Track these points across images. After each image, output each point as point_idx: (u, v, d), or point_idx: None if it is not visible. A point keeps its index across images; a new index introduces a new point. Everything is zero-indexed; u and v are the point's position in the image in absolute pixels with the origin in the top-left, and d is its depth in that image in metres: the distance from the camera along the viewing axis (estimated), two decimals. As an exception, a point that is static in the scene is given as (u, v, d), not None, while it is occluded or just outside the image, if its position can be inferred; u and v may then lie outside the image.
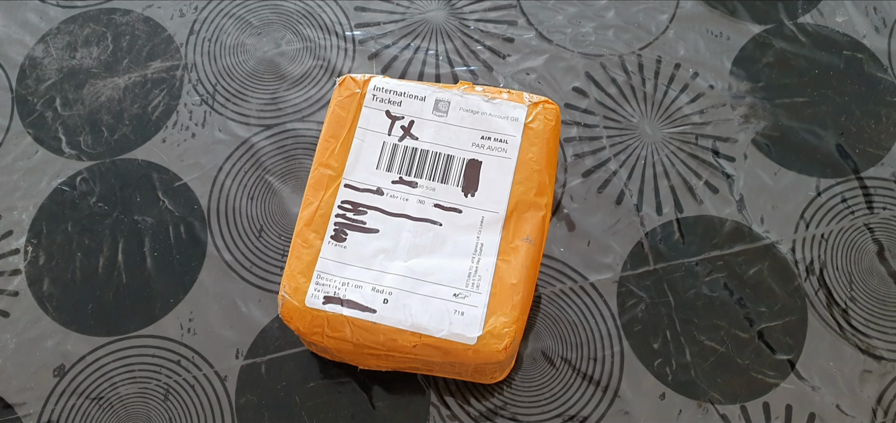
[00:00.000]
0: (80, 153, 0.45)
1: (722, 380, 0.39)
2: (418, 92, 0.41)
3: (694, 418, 0.38)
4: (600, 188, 0.44)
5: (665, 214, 0.43)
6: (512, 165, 0.39)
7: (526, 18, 0.49)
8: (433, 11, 0.49)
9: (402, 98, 0.40)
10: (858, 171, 0.44)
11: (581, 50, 0.48)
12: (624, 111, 0.46)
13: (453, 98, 0.40)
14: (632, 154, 0.45)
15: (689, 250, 0.42)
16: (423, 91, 0.40)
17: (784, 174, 0.44)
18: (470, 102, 0.40)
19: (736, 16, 0.49)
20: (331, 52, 0.48)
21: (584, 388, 0.39)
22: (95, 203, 0.43)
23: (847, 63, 0.47)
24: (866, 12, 0.49)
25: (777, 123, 0.46)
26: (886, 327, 0.40)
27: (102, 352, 0.40)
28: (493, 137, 0.39)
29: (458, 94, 0.40)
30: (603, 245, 0.42)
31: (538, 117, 0.39)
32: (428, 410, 0.39)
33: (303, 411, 0.39)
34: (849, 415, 0.38)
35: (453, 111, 0.40)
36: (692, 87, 0.47)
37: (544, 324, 0.40)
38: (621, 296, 0.41)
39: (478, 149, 0.39)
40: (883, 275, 0.42)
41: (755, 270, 0.42)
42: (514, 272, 0.36)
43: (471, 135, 0.39)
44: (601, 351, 0.40)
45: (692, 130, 0.45)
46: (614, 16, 0.49)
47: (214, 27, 0.49)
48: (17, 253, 0.42)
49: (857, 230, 0.43)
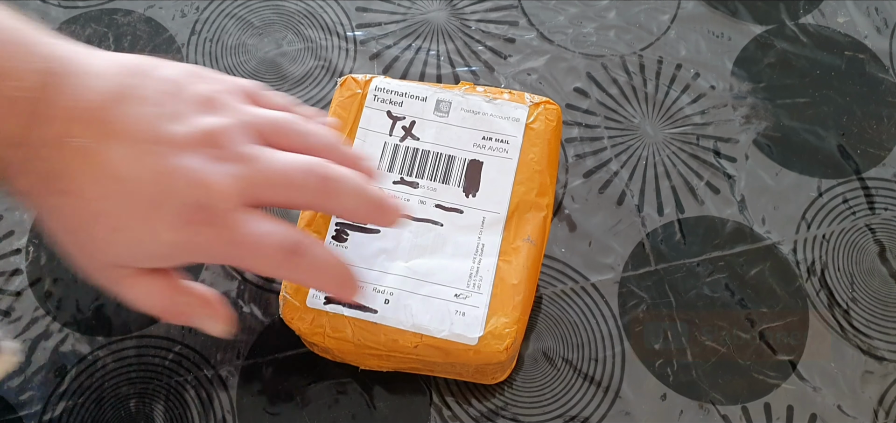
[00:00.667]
0: (81, 153, 0.45)
1: (723, 381, 0.39)
2: (419, 92, 0.41)
3: (695, 418, 0.38)
4: (601, 189, 0.44)
5: (666, 214, 0.43)
6: (513, 166, 0.39)
7: (527, 19, 0.49)
8: (434, 12, 0.49)
9: (403, 99, 0.40)
10: (860, 171, 0.44)
11: (582, 50, 0.48)
12: (625, 112, 0.46)
13: (455, 99, 0.40)
14: (633, 155, 0.45)
15: (691, 250, 0.42)
16: (425, 92, 0.41)
17: (785, 175, 0.44)
18: (471, 103, 0.40)
19: (737, 16, 0.49)
20: (332, 53, 0.48)
21: (585, 389, 0.39)
22: (97, 203, 0.43)
23: (848, 64, 0.47)
24: (868, 13, 0.49)
25: (778, 123, 0.46)
26: (888, 328, 0.40)
27: (103, 352, 0.40)
28: (495, 138, 0.39)
29: (460, 94, 0.40)
30: (604, 246, 0.42)
31: (539, 118, 0.39)
32: (429, 410, 0.39)
33: (303, 411, 0.39)
34: (850, 416, 0.38)
35: (454, 112, 0.40)
36: (693, 87, 0.47)
37: (545, 324, 0.40)
38: (622, 296, 0.41)
39: (479, 149, 0.39)
40: (884, 276, 0.42)
41: (756, 270, 0.42)
42: (516, 273, 0.36)
43: (472, 135, 0.39)
44: (602, 352, 0.40)
45: (693, 130, 0.45)
46: (615, 16, 0.49)
47: (216, 28, 0.49)
48: (19, 253, 0.42)
49: (858, 231, 0.43)
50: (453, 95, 0.40)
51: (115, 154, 0.29)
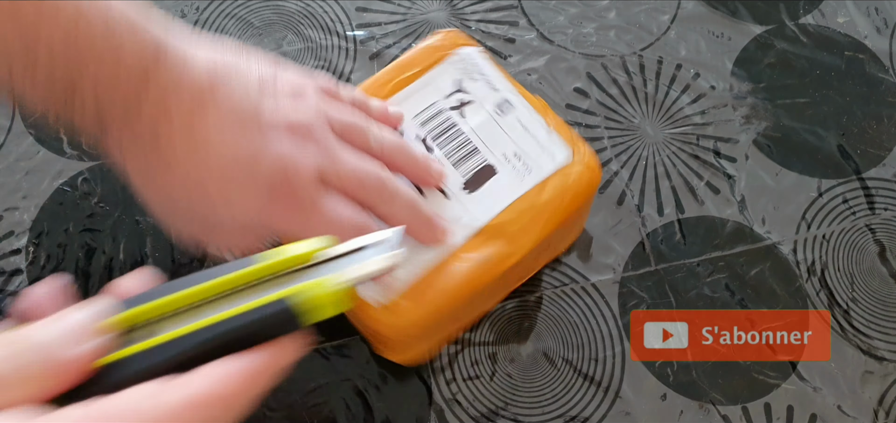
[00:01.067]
0: (81, 154, 0.45)
1: (723, 381, 0.39)
2: (497, 84, 0.40)
3: (695, 419, 0.38)
4: (602, 189, 0.44)
5: (666, 214, 0.43)
6: (518, 193, 0.37)
7: (527, 19, 0.49)
8: (434, 12, 0.49)
9: (480, 79, 0.40)
10: (860, 171, 0.44)
11: (582, 50, 0.48)
12: (625, 112, 0.46)
13: (520, 108, 0.39)
14: (633, 155, 0.45)
15: (691, 250, 0.42)
16: (502, 86, 0.40)
17: (785, 175, 0.44)
18: (529, 119, 0.39)
19: (737, 16, 0.49)
20: (332, 53, 0.48)
21: (585, 389, 0.39)
22: (97, 203, 0.43)
23: (848, 64, 0.47)
24: (868, 13, 0.49)
25: (778, 123, 0.46)
26: (888, 328, 0.40)
27: (104, 352, 0.40)
28: (523, 159, 0.38)
29: (527, 108, 0.39)
30: (604, 246, 0.42)
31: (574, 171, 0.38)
32: (429, 411, 0.39)
33: (304, 411, 0.39)
34: (850, 416, 0.38)
35: (511, 117, 0.39)
36: (693, 87, 0.47)
37: (545, 325, 0.40)
38: (623, 296, 0.41)
39: (505, 160, 0.38)
40: (884, 276, 0.42)
41: (756, 271, 0.42)
42: (452, 281, 0.36)
43: (509, 145, 0.38)
44: (602, 352, 0.40)
45: (693, 130, 0.45)
46: (616, 16, 0.49)
47: (216, 28, 0.49)
48: (19, 253, 0.42)
49: (858, 231, 0.43)
50: (521, 105, 0.39)
51: (213, 129, 0.32)
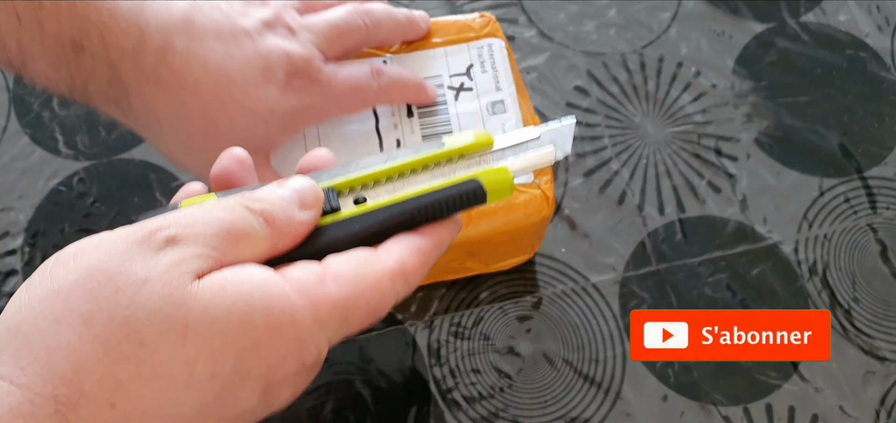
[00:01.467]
0: (77, 153, 0.45)
1: (724, 382, 0.39)
2: (504, 84, 0.40)
3: (696, 419, 0.38)
4: (602, 188, 0.44)
5: (667, 214, 0.43)
6: None
7: (527, 16, 0.49)
8: (434, 12, 0.49)
9: (493, 73, 0.40)
10: (861, 170, 0.44)
11: (583, 48, 0.48)
12: (626, 110, 0.46)
13: (510, 114, 0.39)
14: (634, 154, 0.44)
15: (692, 250, 0.42)
16: (507, 87, 0.40)
17: (787, 174, 0.44)
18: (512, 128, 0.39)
19: (738, 14, 0.49)
20: (330, 51, 0.47)
21: (585, 390, 0.39)
22: (93, 203, 0.43)
23: (850, 62, 0.47)
24: (869, 11, 0.49)
25: (780, 122, 0.45)
26: (889, 328, 0.40)
27: (100, 354, 0.40)
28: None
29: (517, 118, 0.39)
30: (605, 245, 0.42)
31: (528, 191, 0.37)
32: (429, 410, 0.38)
33: (303, 412, 0.38)
34: (852, 416, 0.38)
35: (497, 119, 0.39)
36: (694, 86, 0.46)
37: (545, 325, 0.40)
38: (623, 297, 0.41)
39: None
40: (886, 275, 0.41)
41: (758, 270, 0.41)
42: None
43: None
44: (603, 353, 0.40)
45: (694, 129, 0.45)
46: (616, 14, 0.49)
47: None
48: (14, 254, 0.42)
49: (860, 230, 0.43)
50: (513, 113, 0.39)
51: (210, 51, 0.35)
